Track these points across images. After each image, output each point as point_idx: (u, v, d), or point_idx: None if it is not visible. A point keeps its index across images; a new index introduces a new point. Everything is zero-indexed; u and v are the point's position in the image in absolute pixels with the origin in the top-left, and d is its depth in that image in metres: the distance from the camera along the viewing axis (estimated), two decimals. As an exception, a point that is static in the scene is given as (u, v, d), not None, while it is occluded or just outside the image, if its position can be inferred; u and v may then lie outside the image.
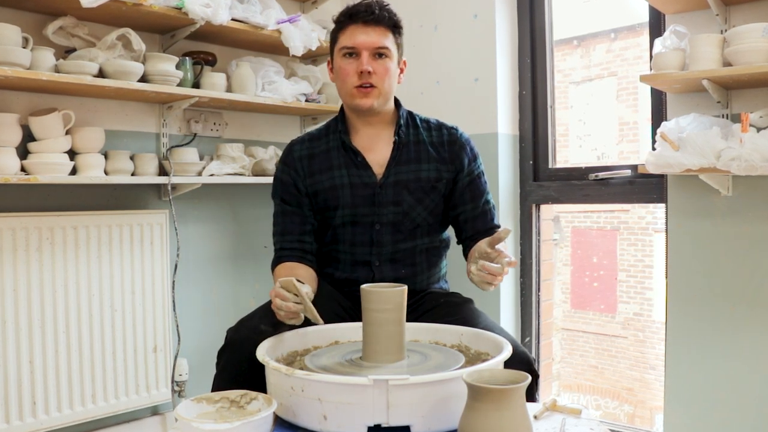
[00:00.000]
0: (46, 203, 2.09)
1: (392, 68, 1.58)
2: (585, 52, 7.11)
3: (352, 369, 1.20)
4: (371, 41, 1.53)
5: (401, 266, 1.63)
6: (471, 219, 1.64)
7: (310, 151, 1.66)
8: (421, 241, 1.64)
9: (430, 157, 1.63)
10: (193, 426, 0.98)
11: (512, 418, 0.95)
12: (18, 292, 1.98)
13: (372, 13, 1.53)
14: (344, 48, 1.55)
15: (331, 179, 1.61)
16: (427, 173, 1.61)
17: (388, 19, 1.55)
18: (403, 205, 1.60)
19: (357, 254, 1.63)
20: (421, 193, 1.61)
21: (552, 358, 2.78)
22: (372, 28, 1.54)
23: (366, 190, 1.60)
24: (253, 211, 2.66)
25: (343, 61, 1.56)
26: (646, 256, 6.55)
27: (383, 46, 1.55)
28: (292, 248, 1.61)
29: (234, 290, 2.62)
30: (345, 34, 1.56)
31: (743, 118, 1.75)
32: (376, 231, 1.61)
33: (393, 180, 1.60)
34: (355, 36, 1.54)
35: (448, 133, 1.67)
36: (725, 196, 1.98)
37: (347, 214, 1.60)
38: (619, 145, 6.84)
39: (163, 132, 2.37)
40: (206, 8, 2.16)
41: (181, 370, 2.36)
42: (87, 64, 1.95)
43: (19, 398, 1.97)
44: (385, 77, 1.56)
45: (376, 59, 1.55)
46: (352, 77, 1.55)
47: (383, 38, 1.55)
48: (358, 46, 1.54)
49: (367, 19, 1.53)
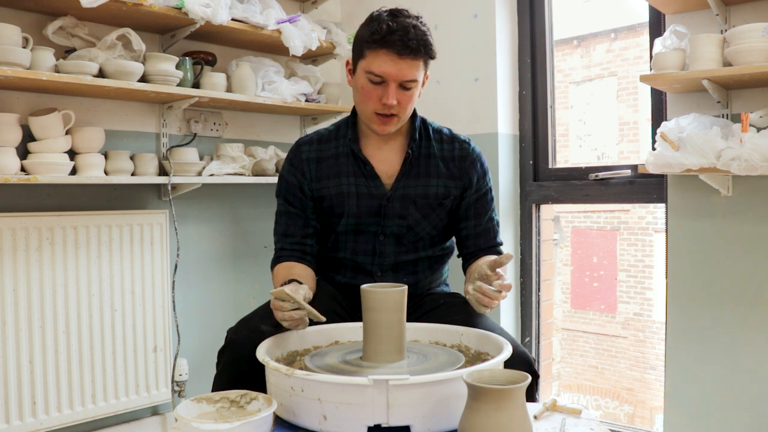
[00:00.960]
0: (46, 203, 2.09)
1: (416, 94, 1.50)
2: (585, 52, 7.11)
3: (352, 369, 1.20)
4: (402, 75, 1.43)
5: (403, 275, 1.62)
6: (474, 235, 1.62)
7: (318, 153, 1.61)
8: (424, 252, 1.63)
9: (440, 173, 1.59)
10: (193, 426, 0.98)
11: (512, 418, 0.94)
12: (18, 292, 1.98)
13: (407, 45, 1.40)
14: (371, 73, 1.44)
15: (338, 186, 1.57)
16: (435, 189, 1.58)
17: (423, 52, 1.44)
18: (409, 219, 1.57)
19: (359, 263, 1.61)
20: (428, 208, 1.58)
21: (552, 358, 2.78)
22: (406, 60, 1.42)
23: (373, 201, 1.57)
24: (253, 211, 2.66)
25: (367, 84, 1.47)
26: (646, 256, 6.55)
27: (412, 80, 1.45)
28: (293, 249, 1.60)
29: (234, 290, 2.62)
30: (374, 58, 1.43)
31: (743, 118, 1.74)
32: (380, 241, 1.59)
33: (401, 194, 1.56)
34: (385, 66, 1.42)
35: (460, 147, 1.62)
36: (725, 196, 1.98)
37: (351, 223, 1.58)
38: (620, 145, 6.84)
39: (163, 132, 2.37)
40: (206, 8, 2.16)
41: (181, 370, 2.36)
42: (87, 64, 1.95)
43: (19, 398, 1.97)
44: (407, 105, 1.49)
45: (401, 91, 1.46)
46: (374, 103, 1.47)
47: (414, 72, 1.44)
48: (386, 76, 1.43)
49: (402, 51, 1.41)
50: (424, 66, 1.48)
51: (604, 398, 6.31)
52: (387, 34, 1.41)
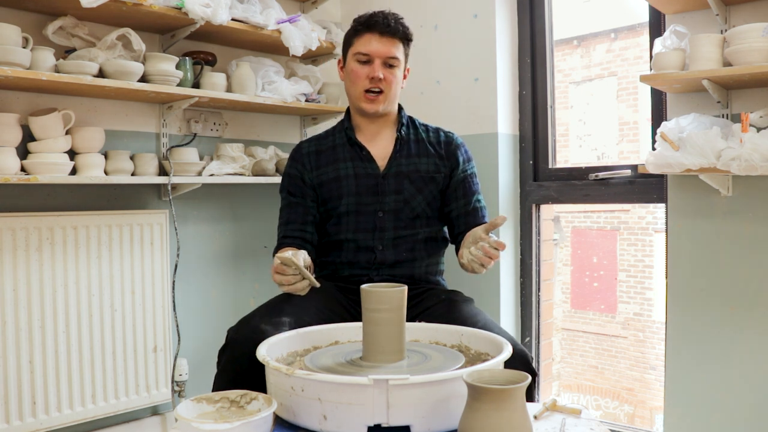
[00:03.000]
0: (46, 203, 2.09)
1: (399, 76, 1.73)
2: (585, 52, 7.12)
3: (352, 369, 1.20)
4: (385, 50, 1.69)
5: (402, 250, 1.72)
6: (463, 215, 1.74)
7: (318, 147, 1.80)
8: (422, 231, 1.74)
9: (429, 153, 1.77)
10: (193, 426, 0.98)
11: (512, 418, 0.95)
12: (18, 292, 1.98)
13: (388, 25, 1.68)
14: (359, 53, 1.70)
15: (336, 171, 1.74)
16: (426, 166, 1.75)
17: (402, 32, 1.70)
18: (404, 194, 1.72)
19: (360, 240, 1.72)
20: (421, 183, 1.73)
21: (552, 358, 2.78)
22: (387, 39, 1.69)
23: (369, 180, 1.73)
24: (253, 211, 2.66)
25: (356, 65, 1.71)
26: (646, 256, 6.56)
27: (395, 56, 1.70)
28: (294, 236, 1.71)
29: (234, 290, 2.62)
30: (361, 41, 1.70)
31: (743, 118, 1.74)
32: (379, 218, 1.72)
33: (395, 171, 1.73)
34: (371, 44, 1.68)
35: (445, 135, 1.83)
36: (725, 196, 1.98)
37: (351, 203, 1.72)
38: (620, 145, 6.85)
39: (163, 132, 2.37)
40: (206, 8, 2.16)
41: (181, 370, 2.36)
42: (87, 64, 1.95)
43: (19, 398, 1.97)
44: (392, 84, 1.71)
45: (386, 68, 1.70)
46: (363, 81, 1.70)
47: (395, 49, 1.70)
48: (373, 53, 1.68)
49: (384, 31, 1.68)
50: (404, 48, 1.73)
51: (604, 398, 6.31)
52: (369, 18, 1.70)
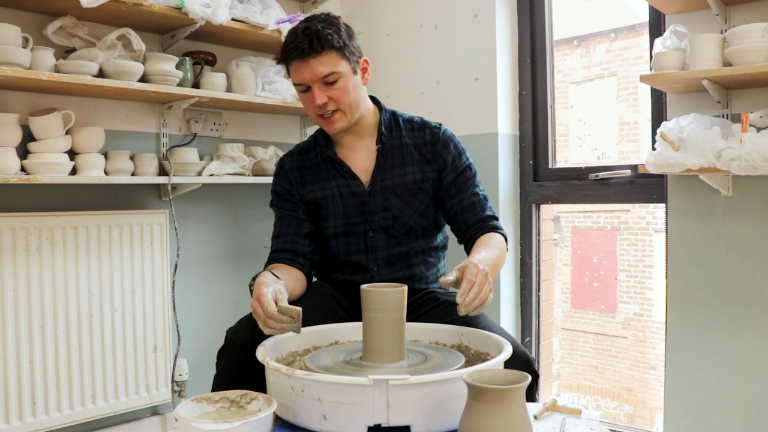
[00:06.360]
0: (46, 203, 2.09)
1: (350, 85, 1.54)
2: (585, 51, 7.11)
3: (352, 369, 1.20)
4: (315, 73, 1.49)
5: (398, 269, 1.64)
6: (460, 212, 1.62)
7: (301, 163, 1.69)
8: (416, 244, 1.65)
9: (414, 160, 1.63)
10: (193, 426, 0.98)
11: (512, 418, 0.95)
12: (18, 292, 1.97)
13: (303, 49, 1.47)
14: (295, 84, 1.55)
15: (322, 190, 1.64)
16: (412, 176, 1.62)
17: (327, 44, 1.48)
18: (392, 210, 1.61)
19: (354, 262, 1.64)
20: (408, 196, 1.62)
21: (552, 358, 2.78)
22: (313, 59, 1.48)
23: (355, 199, 1.62)
24: (253, 211, 2.66)
25: (300, 95, 1.57)
26: (646, 256, 6.56)
27: (329, 73, 1.50)
28: (285, 249, 1.61)
29: (234, 290, 2.62)
30: (292, 71, 1.54)
31: (743, 118, 1.74)
32: (370, 238, 1.63)
33: (380, 186, 1.62)
34: (300, 72, 1.51)
35: (431, 133, 1.66)
36: (725, 196, 1.98)
37: (339, 225, 1.63)
38: (620, 145, 6.84)
39: (163, 132, 2.37)
40: (206, 8, 2.16)
41: (181, 370, 2.36)
42: (87, 64, 1.95)
43: (19, 398, 1.97)
44: (343, 97, 1.53)
45: (327, 86, 1.51)
46: (312, 108, 1.56)
47: (327, 66, 1.49)
48: (306, 81, 1.51)
49: (305, 55, 1.48)
50: (339, 56, 1.51)
51: (604, 398, 6.31)
52: (286, 46, 1.52)
